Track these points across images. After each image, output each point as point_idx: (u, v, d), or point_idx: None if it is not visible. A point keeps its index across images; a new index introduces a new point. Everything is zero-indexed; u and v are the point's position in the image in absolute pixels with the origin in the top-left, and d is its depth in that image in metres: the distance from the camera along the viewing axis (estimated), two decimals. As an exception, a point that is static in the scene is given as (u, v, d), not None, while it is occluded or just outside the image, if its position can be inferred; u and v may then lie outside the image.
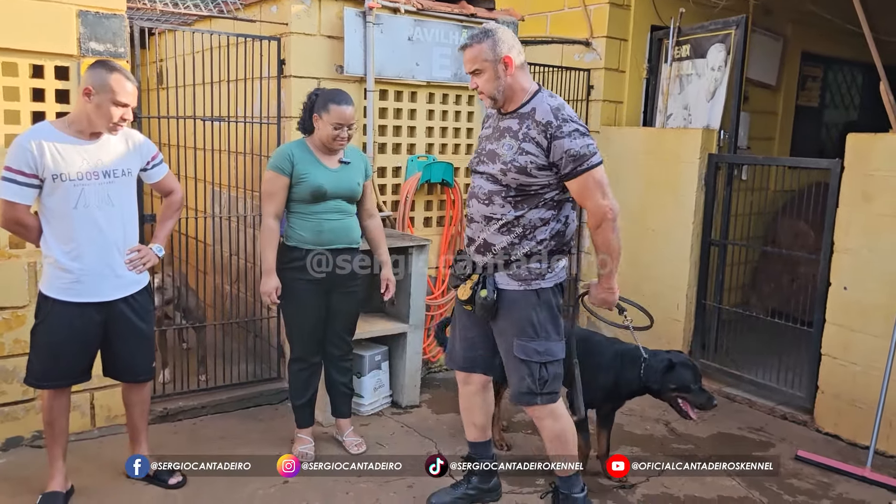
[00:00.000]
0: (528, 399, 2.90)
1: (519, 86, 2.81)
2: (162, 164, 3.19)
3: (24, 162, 2.78)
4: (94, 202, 2.89)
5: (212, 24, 4.64)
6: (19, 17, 3.33)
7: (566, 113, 2.74)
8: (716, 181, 4.99)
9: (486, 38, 2.75)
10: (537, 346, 2.83)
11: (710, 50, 5.28)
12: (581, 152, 2.68)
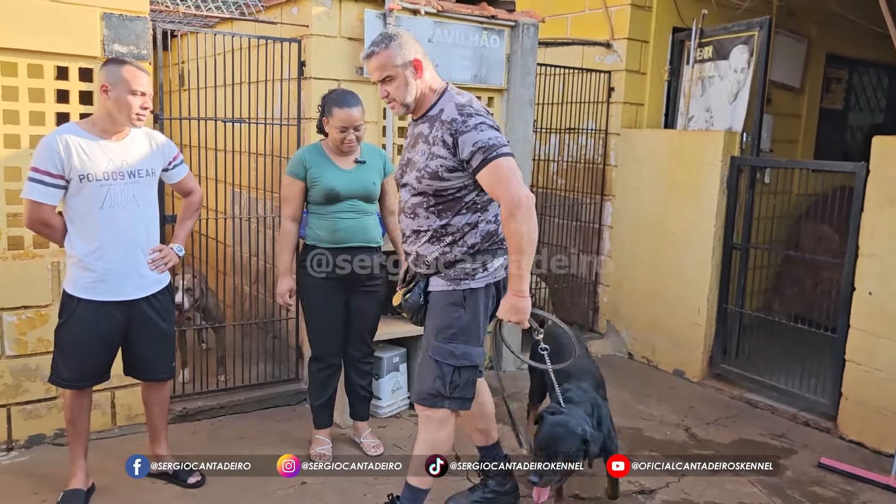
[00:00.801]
0: (433, 401, 2.74)
1: (428, 88, 2.72)
2: (182, 164, 3.22)
3: (50, 163, 2.81)
4: (120, 202, 2.92)
5: (233, 27, 4.67)
6: (45, 19, 3.38)
7: (472, 108, 2.64)
8: (738, 184, 4.94)
9: (392, 43, 2.65)
10: (454, 348, 2.70)
11: (733, 52, 5.23)
12: (489, 143, 2.56)
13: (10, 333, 3.50)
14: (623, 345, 5.70)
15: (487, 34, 4.67)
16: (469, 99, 2.69)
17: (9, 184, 3.45)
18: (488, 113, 2.69)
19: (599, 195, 5.82)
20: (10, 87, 3.40)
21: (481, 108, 2.68)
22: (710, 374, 5.12)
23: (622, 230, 5.68)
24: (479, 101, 2.83)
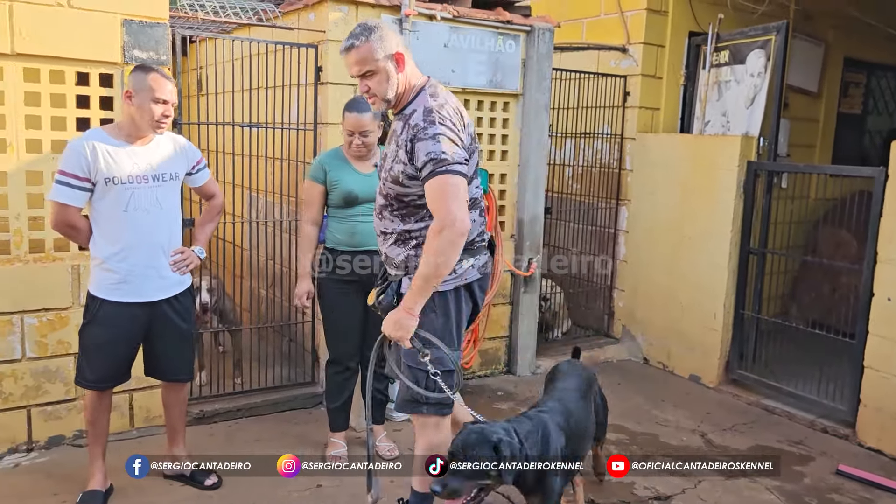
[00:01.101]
0: (412, 407, 2.69)
1: (408, 83, 2.59)
2: (205, 168, 3.27)
3: (77, 166, 2.86)
4: (143, 205, 2.97)
5: (250, 32, 4.71)
6: (66, 26, 3.43)
7: (440, 115, 2.48)
8: (755, 189, 4.91)
9: (372, 35, 2.52)
10: (428, 352, 2.60)
11: (750, 56, 5.20)
12: (441, 157, 2.42)
13: (30, 335, 3.54)
14: (638, 349, 5.68)
15: (503, 39, 4.69)
16: (440, 103, 2.53)
17: (30, 188, 3.50)
18: (459, 120, 2.54)
19: (615, 199, 5.81)
20: (32, 93, 3.45)
21: (451, 113, 2.53)
22: (726, 379, 5.09)
23: (638, 235, 5.66)
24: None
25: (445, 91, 2.63)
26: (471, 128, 2.64)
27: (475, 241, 2.68)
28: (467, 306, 2.70)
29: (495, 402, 4.63)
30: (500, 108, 4.84)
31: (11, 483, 3.33)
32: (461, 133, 2.52)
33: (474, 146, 2.65)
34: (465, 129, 2.57)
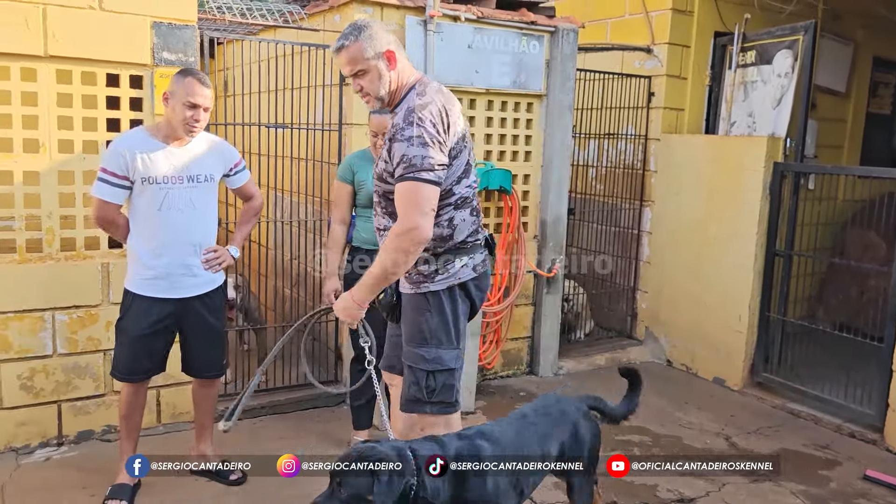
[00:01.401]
0: (414, 407, 2.67)
1: (401, 81, 2.59)
2: (244, 170, 3.32)
3: (116, 164, 2.95)
4: (177, 205, 3.03)
5: (276, 34, 4.76)
6: (98, 28, 3.49)
7: (419, 116, 2.45)
8: (781, 190, 4.86)
9: (362, 34, 2.52)
10: (425, 352, 2.62)
11: (777, 56, 5.15)
12: (413, 161, 2.41)
13: (61, 332, 3.61)
14: (662, 351, 5.65)
15: (527, 40, 4.69)
16: (425, 102, 2.50)
17: (62, 187, 3.57)
18: (442, 121, 2.49)
19: (638, 201, 5.78)
20: (64, 94, 3.52)
21: (433, 114, 2.48)
22: (751, 382, 5.04)
23: (662, 236, 5.63)
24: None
25: (437, 89, 2.60)
26: (459, 126, 2.59)
27: (467, 241, 2.66)
28: (464, 305, 2.68)
29: (518, 403, 4.63)
30: (523, 109, 4.85)
31: (43, 476, 3.39)
32: (442, 135, 2.48)
33: (464, 144, 2.61)
34: (449, 129, 2.52)
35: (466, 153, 2.65)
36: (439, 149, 2.46)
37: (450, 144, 2.52)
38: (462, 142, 2.61)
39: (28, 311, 3.53)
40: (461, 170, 2.61)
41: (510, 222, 4.82)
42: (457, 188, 2.60)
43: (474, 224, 2.69)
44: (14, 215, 3.51)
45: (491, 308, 4.70)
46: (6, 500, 3.17)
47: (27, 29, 3.36)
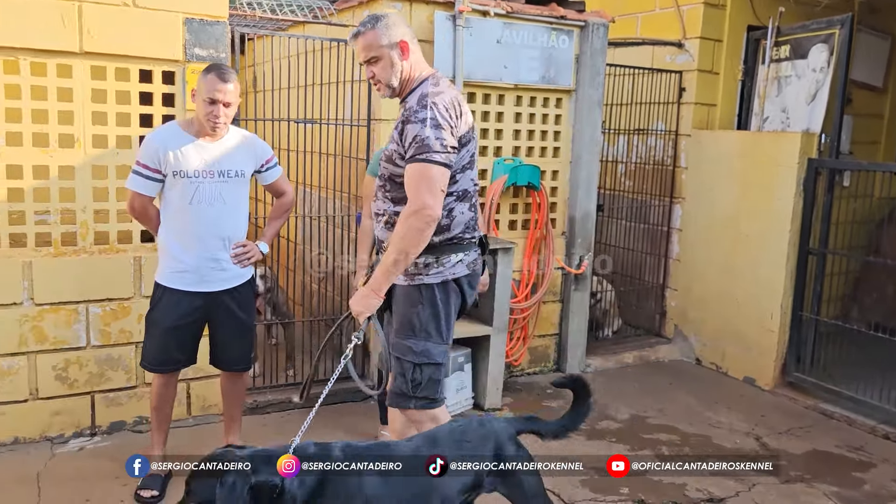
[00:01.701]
0: (399, 401, 2.69)
1: (413, 72, 2.65)
2: (276, 167, 3.33)
3: (149, 157, 2.99)
4: (207, 199, 3.06)
5: (305, 30, 4.79)
6: (132, 25, 3.54)
7: (433, 101, 2.52)
8: (815, 187, 4.78)
9: (378, 23, 2.60)
10: (413, 344, 2.63)
11: (812, 50, 5.06)
12: (426, 142, 2.46)
13: (95, 324, 3.67)
14: (691, 350, 5.58)
15: (556, 35, 4.66)
16: (438, 91, 2.57)
17: (96, 181, 3.62)
18: (454, 109, 2.56)
19: (668, 197, 5.72)
20: (98, 90, 3.57)
21: (447, 103, 2.54)
22: (782, 382, 4.96)
23: (692, 233, 5.56)
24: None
25: (449, 84, 2.67)
26: (468, 117, 2.66)
27: (464, 237, 2.68)
28: (456, 301, 2.69)
29: (544, 400, 4.61)
30: (552, 105, 4.82)
31: (76, 466, 3.46)
32: (454, 120, 2.55)
33: (471, 136, 2.66)
34: (460, 118, 2.59)
35: (472, 145, 2.69)
36: (451, 133, 2.52)
37: (459, 132, 2.58)
38: (470, 132, 2.66)
39: (63, 304, 3.59)
40: (467, 160, 2.66)
41: (538, 219, 4.79)
42: (461, 178, 2.64)
43: (472, 220, 2.71)
44: (49, 209, 3.57)
45: (518, 305, 4.69)
46: (41, 488, 3.24)
47: (63, 26, 3.41)
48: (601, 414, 4.41)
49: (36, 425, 3.63)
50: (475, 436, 2.36)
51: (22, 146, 3.48)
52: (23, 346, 3.54)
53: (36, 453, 3.54)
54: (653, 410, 4.51)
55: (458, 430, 2.39)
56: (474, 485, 2.31)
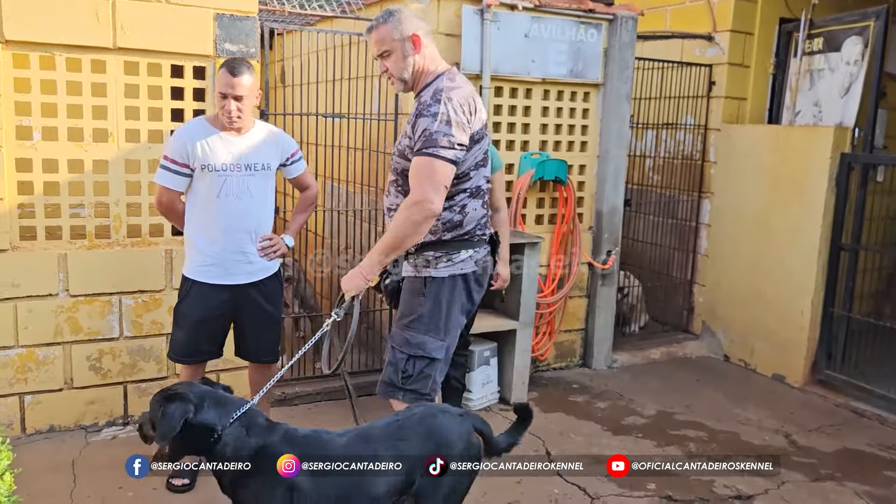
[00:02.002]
0: (388, 391, 2.68)
1: (426, 66, 2.66)
2: (300, 160, 3.36)
3: (177, 151, 3.03)
4: (234, 192, 3.09)
5: (333, 24, 4.81)
6: (164, 21, 3.58)
7: (447, 96, 2.52)
8: (848, 182, 4.70)
9: (391, 18, 2.63)
10: (410, 335, 2.63)
11: (846, 43, 4.97)
12: (434, 136, 2.46)
13: (127, 316, 3.74)
14: (719, 346, 5.53)
15: (585, 28, 4.63)
16: (453, 86, 2.58)
17: (129, 175, 3.68)
18: (468, 105, 2.56)
19: (697, 192, 5.66)
20: (131, 85, 3.63)
21: (462, 100, 2.55)
22: (812, 379, 4.90)
23: (721, 228, 5.51)
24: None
25: (464, 80, 2.68)
26: (482, 114, 2.67)
27: (474, 233, 2.67)
28: (461, 298, 2.67)
29: (570, 395, 4.60)
30: (580, 99, 4.79)
31: (109, 454, 3.52)
32: (467, 116, 2.55)
33: (483, 133, 2.66)
34: (474, 114, 2.59)
35: (485, 143, 2.70)
36: (462, 129, 2.52)
37: (472, 128, 2.58)
38: (483, 129, 2.66)
39: (97, 295, 3.66)
40: (480, 157, 2.66)
41: (565, 213, 4.77)
42: (474, 174, 2.65)
43: (484, 217, 2.72)
44: (84, 202, 3.64)
45: (545, 299, 4.68)
46: (76, 475, 3.31)
47: (97, 22, 3.47)
48: (627, 409, 4.39)
49: (71, 414, 3.71)
50: (414, 432, 2.24)
51: (57, 140, 3.55)
52: (58, 337, 3.62)
53: (71, 441, 3.62)
54: (680, 407, 4.48)
55: (395, 425, 2.29)
56: (406, 485, 2.20)
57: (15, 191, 3.49)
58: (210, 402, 2.20)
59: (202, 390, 2.24)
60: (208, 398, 2.21)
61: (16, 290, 3.50)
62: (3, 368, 3.53)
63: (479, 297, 2.76)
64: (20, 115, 3.47)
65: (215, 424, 2.16)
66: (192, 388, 2.24)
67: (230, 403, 2.23)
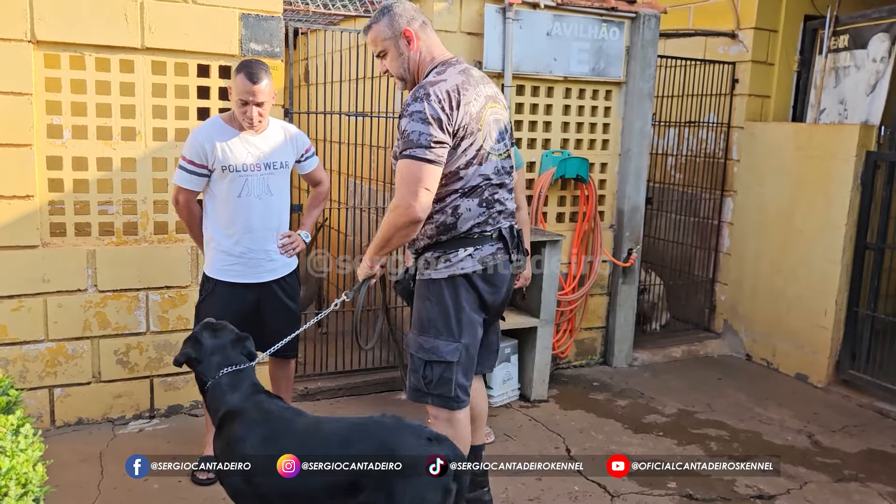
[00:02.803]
0: (417, 396, 2.66)
1: (423, 62, 2.59)
2: (314, 156, 3.39)
3: (194, 153, 3.06)
4: (256, 191, 3.12)
5: (355, 24, 4.85)
6: (190, 21, 3.64)
7: (426, 91, 2.44)
8: (874, 181, 4.65)
9: (383, 17, 2.57)
10: (423, 340, 2.60)
11: (872, 40, 4.92)
12: (410, 137, 2.40)
13: (154, 311, 3.81)
14: (741, 345, 5.51)
15: (607, 26, 4.62)
16: (436, 80, 2.49)
17: (155, 173, 3.75)
18: (451, 99, 2.45)
19: (719, 190, 5.63)
20: (158, 85, 3.69)
21: (440, 92, 2.44)
22: (836, 379, 4.86)
23: (743, 227, 5.48)
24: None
25: (460, 70, 2.56)
26: (474, 108, 2.51)
27: (472, 231, 2.57)
28: (469, 297, 2.60)
29: (591, 393, 4.61)
30: (602, 97, 4.79)
31: (136, 446, 3.58)
32: (447, 111, 2.43)
33: (474, 127, 2.52)
34: (457, 107, 2.46)
35: (482, 139, 2.55)
36: (438, 126, 2.42)
37: (456, 124, 2.46)
38: (473, 123, 2.51)
39: (124, 291, 3.73)
40: (472, 154, 2.53)
41: (586, 211, 4.78)
42: (465, 173, 2.53)
43: (483, 215, 2.58)
44: (112, 200, 3.71)
45: (565, 297, 4.69)
46: (104, 467, 3.38)
47: (126, 23, 3.53)
48: (648, 408, 4.39)
49: (98, 407, 3.79)
50: (369, 439, 2.21)
51: (86, 139, 3.61)
52: (87, 331, 3.70)
53: (98, 434, 3.69)
54: (701, 405, 4.47)
55: (356, 427, 2.28)
56: (350, 490, 2.16)
57: (45, 188, 3.57)
58: (219, 356, 2.52)
59: (219, 343, 2.54)
60: (219, 352, 2.53)
61: (46, 285, 3.58)
62: (33, 362, 3.61)
63: (493, 296, 2.66)
64: (51, 114, 3.55)
65: (205, 375, 2.51)
66: (215, 336, 2.56)
67: (237, 336, 2.59)
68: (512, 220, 2.72)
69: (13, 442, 1.76)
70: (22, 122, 3.43)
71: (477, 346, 2.70)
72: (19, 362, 3.59)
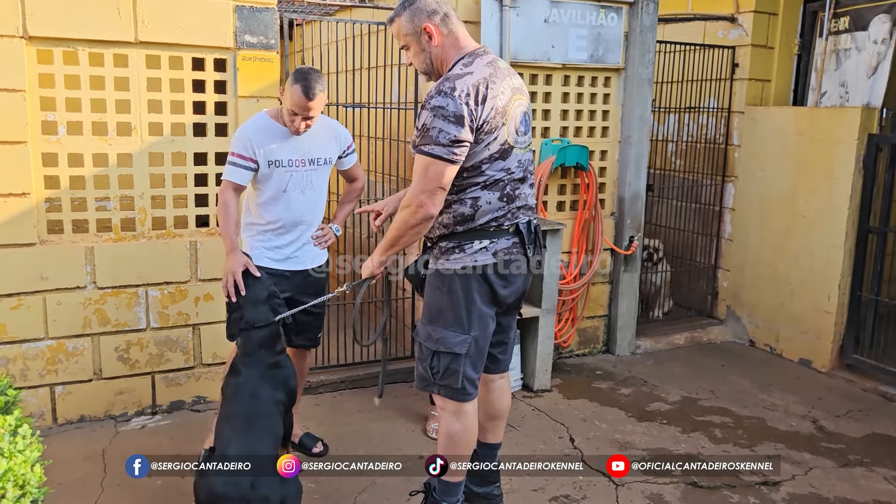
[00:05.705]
0: (424, 385, 2.67)
1: (446, 55, 2.55)
2: (353, 153, 3.40)
3: (242, 147, 3.07)
4: (300, 186, 3.16)
5: (352, 14, 4.81)
6: (184, 14, 3.61)
7: (451, 85, 2.39)
8: (876, 164, 4.62)
9: (405, 10, 2.53)
10: (432, 330, 2.59)
11: (873, 21, 4.87)
12: (427, 132, 2.38)
13: (153, 307, 3.79)
14: (744, 331, 5.49)
15: (605, 12, 4.58)
16: (461, 73, 2.44)
17: (152, 168, 3.72)
18: (475, 94, 2.40)
19: (720, 176, 5.60)
20: (153, 79, 3.66)
21: (467, 87, 2.40)
22: (839, 364, 4.85)
23: (745, 212, 5.45)
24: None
25: (488, 62, 2.51)
26: (500, 102, 2.47)
27: (489, 224, 2.55)
28: (481, 290, 2.56)
29: (594, 381, 4.60)
30: (601, 84, 4.75)
31: (138, 443, 3.58)
32: (471, 106, 2.39)
33: (499, 121, 2.48)
34: (483, 102, 2.42)
35: (506, 134, 2.52)
36: (461, 123, 2.38)
37: (480, 119, 2.42)
38: (498, 117, 2.47)
39: (123, 287, 3.72)
40: (495, 149, 2.50)
41: (587, 199, 4.75)
42: (488, 168, 2.51)
43: (502, 209, 2.56)
44: (109, 196, 3.69)
45: (567, 286, 4.67)
46: (107, 464, 3.37)
47: (119, 17, 3.50)
48: (652, 396, 4.38)
49: (100, 404, 3.78)
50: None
51: (82, 135, 3.59)
52: (87, 328, 3.68)
53: (101, 431, 3.68)
54: (705, 392, 4.46)
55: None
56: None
57: (42, 185, 3.54)
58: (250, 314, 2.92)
59: (257, 317, 2.89)
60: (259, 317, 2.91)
61: (44, 282, 3.56)
62: (33, 360, 3.60)
63: (505, 290, 2.62)
64: (45, 111, 3.52)
65: (231, 333, 2.95)
66: (257, 306, 2.92)
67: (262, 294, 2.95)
68: (531, 215, 2.69)
69: (11, 443, 1.74)
70: (16, 119, 3.40)
71: (488, 339, 2.67)
72: (20, 361, 3.58)
